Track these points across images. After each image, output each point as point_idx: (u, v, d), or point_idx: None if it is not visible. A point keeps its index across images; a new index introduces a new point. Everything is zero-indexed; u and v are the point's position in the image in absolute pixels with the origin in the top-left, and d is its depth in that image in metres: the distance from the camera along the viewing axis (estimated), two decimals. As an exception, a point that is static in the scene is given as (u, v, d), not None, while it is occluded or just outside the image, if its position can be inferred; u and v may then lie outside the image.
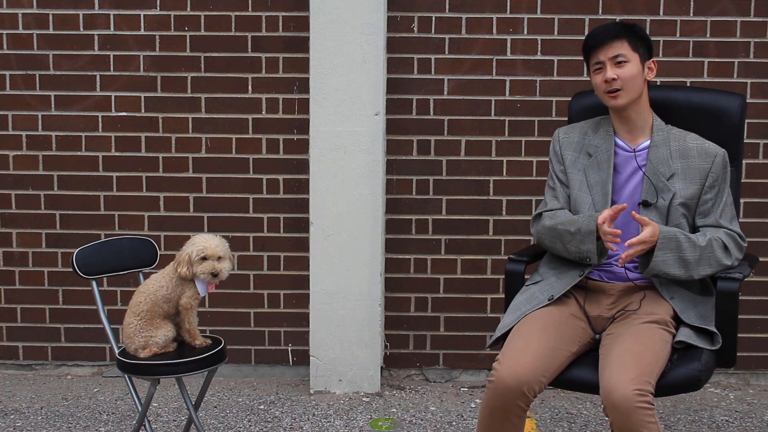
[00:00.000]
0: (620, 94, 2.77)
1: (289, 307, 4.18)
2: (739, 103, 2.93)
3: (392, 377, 4.22)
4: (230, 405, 3.93)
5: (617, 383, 2.45)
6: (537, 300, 2.81)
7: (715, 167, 2.77)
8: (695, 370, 2.58)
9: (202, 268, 2.94)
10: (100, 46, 4.06)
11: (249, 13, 4.04)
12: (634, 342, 2.59)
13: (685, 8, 3.99)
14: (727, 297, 2.67)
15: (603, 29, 2.82)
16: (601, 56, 2.77)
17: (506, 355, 2.62)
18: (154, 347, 2.97)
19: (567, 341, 2.70)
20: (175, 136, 4.11)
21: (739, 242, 2.79)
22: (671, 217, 2.77)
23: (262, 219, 4.14)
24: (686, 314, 2.70)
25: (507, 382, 2.56)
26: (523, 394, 2.56)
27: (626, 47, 2.77)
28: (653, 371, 2.52)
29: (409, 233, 4.13)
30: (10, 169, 4.13)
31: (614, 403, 2.44)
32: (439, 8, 4.01)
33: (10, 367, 4.27)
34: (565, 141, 2.94)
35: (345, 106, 3.89)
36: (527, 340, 2.65)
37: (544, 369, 2.60)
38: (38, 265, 4.18)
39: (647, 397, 2.44)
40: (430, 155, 4.09)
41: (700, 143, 2.80)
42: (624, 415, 2.43)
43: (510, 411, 2.59)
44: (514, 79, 4.04)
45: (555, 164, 2.96)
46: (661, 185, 2.77)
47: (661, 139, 2.81)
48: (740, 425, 3.72)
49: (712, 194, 2.77)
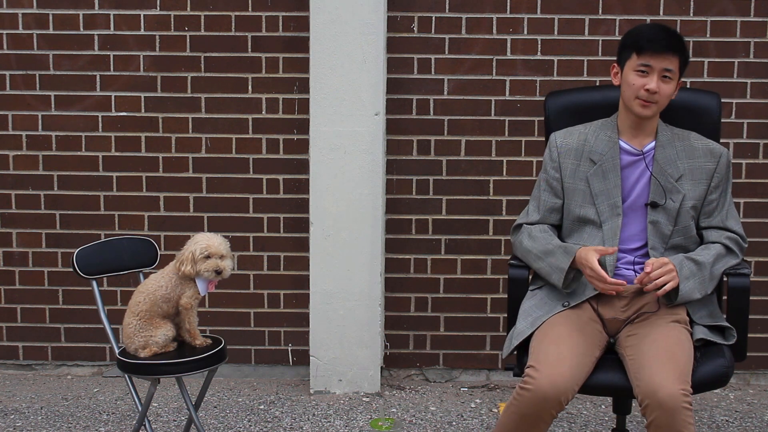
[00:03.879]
0: (651, 107, 2.71)
1: (289, 307, 4.18)
2: (717, 101, 2.95)
3: (392, 377, 4.22)
4: (230, 405, 3.93)
5: (662, 383, 2.43)
6: (549, 305, 2.77)
7: (720, 167, 2.76)
8: (723, 366, 2.63)
9: (206, 266, 2.94)
10: (100, 46, 4.06)
11: (249, 13, 4.03)
12: (666, 342, 2.58)
13: (685, 8, 3.99)
14: (739, 293, 2.71)
15: (664, 35, 2.70)
16: (653, 63, 2.67)
17: (542, 362, 2.55)
18: (154, 347, 2.97)
19: (592, 346, 2.67)
20: (175, 136, 4.11)
21: (741, 244, 2.79)
22: (680, 218, 2.74)
23: (262, 219, 4.14)
24: (698, 314, 2.71)
25: (546, 391, 2.50)
26: (559, 403, 2.52)
27: (676, 64, 2.70)
28: (689, 371, 2.53)
29: (409, 233, 4.13)
30: (10, 169, 4.13)
31: (660, 402, 2.42)
32: (439, 8, 4.01)
33: (10, 367, 4.27)
34: (564, 147, 2.85)
35: (345, 106, 3.88)
36: (558, 346, 2.60)
37: (578, 377, 2.57)
38: (38, 265, 4.18)
39: (689, 397, 2.45)
40: (430, 155, 4.09)
41: (705, 143, 2.78)
42: (669, 414, 2.41)
43: (541, 419, 2.55)
44: (514, 79, 4.04)
45: (550, 171, 2.88)
46: (670, 186, 2.74)
47: (667, 139, 2.78)
48: (740, 425, 3.72)
49: (717, 194, 2.76)
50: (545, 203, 2.89)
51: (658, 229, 2.75)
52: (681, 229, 2.76)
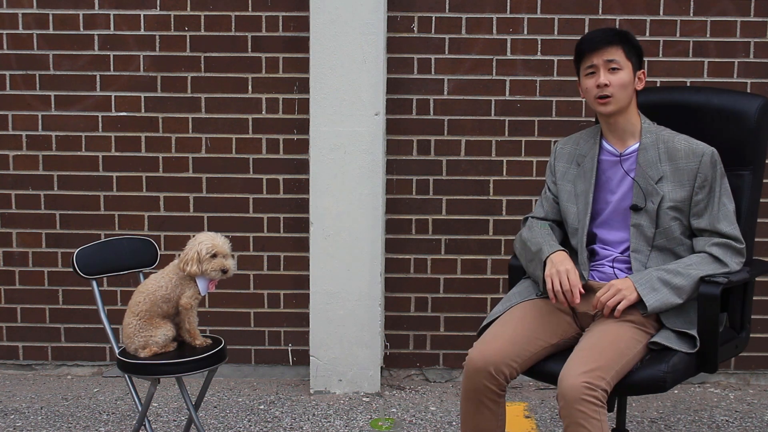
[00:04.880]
0: (610, 101, 2.75)
1: (289, 307, 4.18)
2: (757, 104, 2.82)
3: (392, 377, 4.22)
4: (230, 405, 3.93)
5: (568, 373, 2.51)
6: (528, 292, 2.88)
7: (703, 167, 2.72)
8: (660, 372, 2.57)
9: (213, 265, 2.95)
10: (100, 46, 4.06)
11: (249, 13, 4.04)
12: (600, 338, 2.62)
13: (685, 8, 3.99)
14: (707, 301, 2.62)
15: (598, 34, 2.80)
16: (595, 60, 2.75)
17: (480, 339, 2.73)
18: (154, 347, 2.97)
19: (547, 333, 2.75)
20: (175, 136, 4.11)
21: (733, 247, 2.74)
22: (660, 221, 2.75)
23: (262, 219, 4.14)
24: (668, 318, 2.69)
25: (476, 363, 2.66)
26: (490, 374, 2.64)
27: (621, 54, 2.75)
28: (612, 368, 2.53)
29: (409, 233, 4.13)
30: (10, 169, 4.13)
31: (562, 392, 2.49)
32: (439, 8, 4.01)
33: (10, 367, 4.27)
34: (560, 153, 2.97)
35: (345, 106, 3.89)
36: (503, 326, 2.75)
37: (515, 354, 2.67)
38: (38, 265, 4.19)
39: (596, 392, 2.46)
40: (430, 155, 4.09)
41: (688, 144, 2.75)
42: (568, 404, 2.47)
43: (481, 393, 2.67)
44: (514, 79, 4.04)
45: (548, 175, 3.01)
46: (650, 189, 2.75)
47: (650, 142, 2.78)
48: (740, 425, 3.72)
49: (704, 194, 2.73)
50: (548, 203, 3.00)
51: (641, 232, 2.77)
52: (663, 231, 2.76)
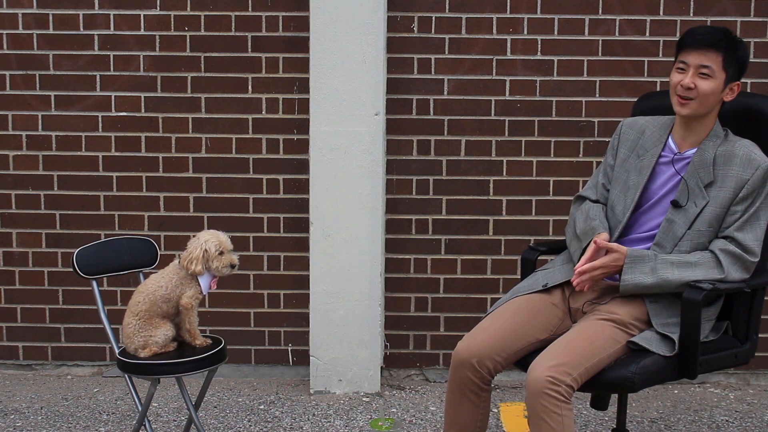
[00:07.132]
0: (689, 104, 2.66)
1: (289, 307, 4.18)
2: None
3: (392, 377, 4.22)
4: (230, 405, 3.93)
5: (536, 366, 2.51)
6: (536, 285, 2.85)
7: (755, 179, 2.63)
8: (629, 372, 2.56)
9: (223, 262, 2.97)
10: (100, 46, 4.06)
11: (249, 13, 4.04)
12: (577, 334, 2.61)
13: (685, 8, 3.99)
14: (688, 305, 2.57)
15: (706, 32, 2.67)
16: (690, 59, 2.65)
17: (470, 332, 2.76)
18: (154, 347, 2.97)
19: (536, 328, 2.74)
20: (175, 136, 4.11)
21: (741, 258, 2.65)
22: (696, 224, 2.67)
23: (262, 219, 4.14)
24: (656, 319, 2.65)
25: (460, 355, 2.70)
26: (473, 367, 2.67)
27: (718, 62, 2.63)
28: (581, 365, 2.52)
29: (409, 233, 4.13)
30: (10, 169, 4.13)
31: (527, 384, 2.51)
32: (439, 8, 4.01)
33: (10, 367, 4.27)
34: (624, 136, 2.87)
35: (345, 106, 3.89)
36: (494, 320, 2.75)
37: (500, 349, 2.68)
38: (38, 265, 4.18)
39: (559, 387, 2.46)
40: (430, 155, 4.09)
41: (747, 152, 2.65)
42: (531, 396, 2.49)
43: (464, 385, 2.70)
44: (514, 79, 4.04)
45: (609, 157, 2.91)
46: (697, 191, 2.68)
47: (711, 145, 2.70)
48: (740, 425, 3.72)
49: (744, 206, 2.64)
50: (599, 187, 2.92)
51: (671, 228, 2.70)
52: (693, 234, 2.68)
